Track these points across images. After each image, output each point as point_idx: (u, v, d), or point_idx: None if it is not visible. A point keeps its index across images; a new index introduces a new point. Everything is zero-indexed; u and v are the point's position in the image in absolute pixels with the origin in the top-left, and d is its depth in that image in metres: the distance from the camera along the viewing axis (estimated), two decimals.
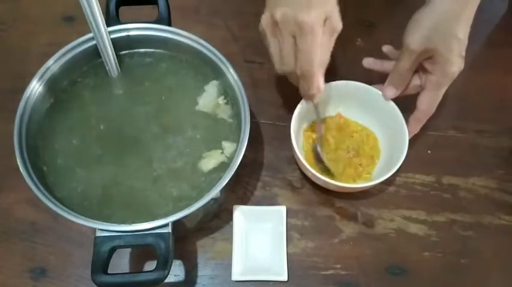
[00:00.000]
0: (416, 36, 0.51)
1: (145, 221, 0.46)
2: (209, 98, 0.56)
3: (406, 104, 0.57)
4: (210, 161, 0.52)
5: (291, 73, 0.51)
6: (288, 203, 0.59)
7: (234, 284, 0.55)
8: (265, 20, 0.49)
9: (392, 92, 0.56)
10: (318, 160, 0.58)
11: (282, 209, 0.58)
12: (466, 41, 0.51)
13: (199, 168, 0.52)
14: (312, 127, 0.61)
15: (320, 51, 0.48)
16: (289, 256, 0.56)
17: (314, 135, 0.60)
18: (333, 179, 0.55)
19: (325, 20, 0.47)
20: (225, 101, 0.55)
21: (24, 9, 0.73)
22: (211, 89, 0.56)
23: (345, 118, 0.62)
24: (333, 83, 0.59)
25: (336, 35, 0.49)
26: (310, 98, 0.54)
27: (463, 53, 0.51)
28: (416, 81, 0.56)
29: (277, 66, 0.51)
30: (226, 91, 0.56)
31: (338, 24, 0.48)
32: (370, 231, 0.58)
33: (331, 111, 0.62)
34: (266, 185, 0.61)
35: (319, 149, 0.58)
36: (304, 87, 0.52)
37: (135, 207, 0.50)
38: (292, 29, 0.46)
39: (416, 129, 0.58)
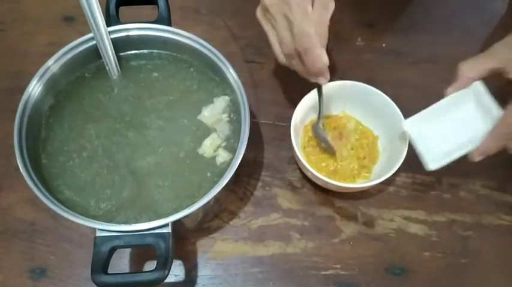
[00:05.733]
0: None
1: (148, 221, 0.46)
2: (213, 112, 0.55)
3: (406, 104, 0.57)
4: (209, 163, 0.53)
5: (292, 55, 0.51)
6: (288, 203, 0.59)
7: (234, 284, 0.55)
8: (258, 11, 0.52)
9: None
10: (320, 139, 0.58)
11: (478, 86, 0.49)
12: None
13: (198, 168, 0.52)
14: (312, 124, 0.61)
15: (314, 25, 0.48)
16: (289, 256, 0.56)
17: (310, 134, 0.60)
18: (333, 178, 0.55)
19: None
20: (228, 119, 0.55)
21: (24, 9, 0.73)
22: (220, 103, 0.56)
23: (348, 117, 0.62)
24: (333, 83, 0.59)
25: (329, 12, 0.49)
26: (319, 74, 0.52)
27: None
28: None
29: (278, 54, 0.53)
30: (232, 109, 0.55)
31: (329, 2, 0.49)
32: (370, 231, 0.58)
33: (332, 110, 0.62)
34: (266, 185, 0.61)
35: (321, 127, 0.58)
36: (309, 64, 0.51)
37: (137, 207, 0.50)
38: (281, 9, 0.49)
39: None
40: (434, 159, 0.51)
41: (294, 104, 0.57)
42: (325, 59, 0.50)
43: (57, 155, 0.52)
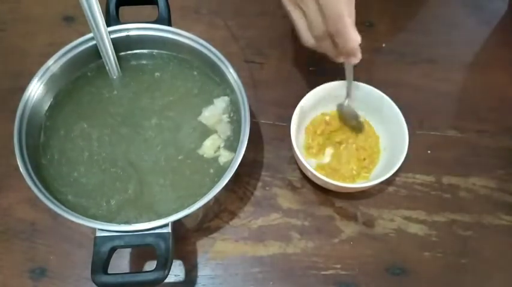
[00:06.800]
0: None
1: (149, 221, 0.46)
2: (213, 112, 0.55)
3: (406, 104, 0.57)
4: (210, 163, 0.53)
5: (322, 37, 0.51)
6: (288, 203, 0.59)
7: (234, 284, 0.55)
8: None
9: None
10: (349, 117, 0.60)
11: None
12: None
13: (198, 168, 0.52)
14: (314, 123, 0.61)
15: (344, 5, 0.48)
16: (289, 256, 0.56)
17: (318, 131, 0.61)
18: (333, 178, 0.55)
19: None
20: (228, 119, 0.55)
21: (24, 9, 0.73)
22: (220, 103, 0.55)
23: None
24: (333, 83, 0.59)
25: None
26: (352, 54, 0.52)
27: None
28: None
29: (307, 38, 0.52)
30: (233, 110, 0.55)
31: None
32: (370, 231, 0.58)
33: (332, 110, 0.62)
34: (266, 185, 0.61)
35: (350, 106, 0.59)
36: (342, 44, 0.50)
37: (137, 206, 0.50)
38: None
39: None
40: None
41: (294, 104, 0.57)
42: (358, 38, 0.50)
43: (58, 155, 0.52)
